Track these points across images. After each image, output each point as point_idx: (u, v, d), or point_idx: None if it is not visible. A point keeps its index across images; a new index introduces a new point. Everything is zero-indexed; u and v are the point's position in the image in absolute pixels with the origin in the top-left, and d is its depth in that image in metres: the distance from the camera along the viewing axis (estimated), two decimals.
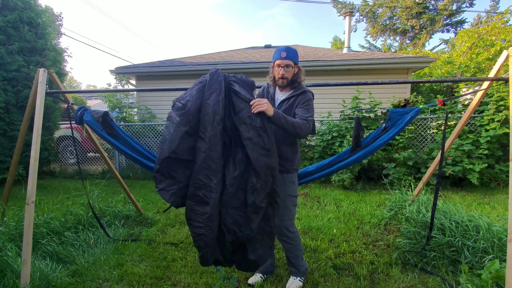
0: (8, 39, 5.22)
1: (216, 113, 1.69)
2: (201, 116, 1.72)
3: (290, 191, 2.03)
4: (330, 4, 20.37)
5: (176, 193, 1.74)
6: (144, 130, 6.58)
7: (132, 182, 5.75)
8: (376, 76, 7.42)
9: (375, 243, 2.84)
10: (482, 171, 4.58)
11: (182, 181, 1.75)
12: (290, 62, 1.93)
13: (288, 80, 1.96)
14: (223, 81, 1.76)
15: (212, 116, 1.69)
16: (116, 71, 8.57)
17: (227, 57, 9.25)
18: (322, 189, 5.00)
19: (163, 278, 2.28)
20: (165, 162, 1.71)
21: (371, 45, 20.20)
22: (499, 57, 2.15)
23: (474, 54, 9.88)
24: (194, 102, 1.73)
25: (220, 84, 1.75)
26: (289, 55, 1.92)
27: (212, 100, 1.71)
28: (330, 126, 5.52)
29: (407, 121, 2.35)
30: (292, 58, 1.93)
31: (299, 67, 2.00)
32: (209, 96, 1.73)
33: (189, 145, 1.72)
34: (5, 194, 2.88)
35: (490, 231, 2.31)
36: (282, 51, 1.94)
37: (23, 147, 2.78)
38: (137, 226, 3.33)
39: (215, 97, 1.72)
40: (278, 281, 2.22)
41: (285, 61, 1.92)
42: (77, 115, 2.63)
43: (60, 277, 2.21)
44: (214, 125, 1.68)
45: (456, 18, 17.91)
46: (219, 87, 1.74)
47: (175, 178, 1.74)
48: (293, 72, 1.96)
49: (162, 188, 1.74)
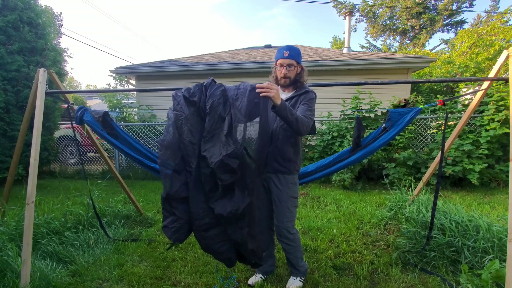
0: (8, 39, 5.22)
1: (193, 143, 1.69)
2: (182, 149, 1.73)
3: (292, 193, 2.02)
4: (330, 4, 20.39)
5: (178, 230, 1.77)
6: (144, 130, 6.58)
7: (132, 182, 5.75)
8: (376, 76, 7.42)
9: (375, 243, 2.84)
10: (482, 171, 4.57)
11: (183, 218, 1.77)
12: (292, 61, 1.91)
13: (290, 80, 1.95)
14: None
15: (191, 148, 1.69)
16: (116, 71, 8.57)
17: (227, 57, 9.25)
18: (322, 189, 5.00)
19: (163, 278, 2.28)
20: (166, 201, 1.76)
21: (371, 45, 20.22)
22: (499, 57, 2.14)
23: (474, 54, 9.90)
24: (172, 137, 1.74)
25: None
26: (291, 54, 1.90)
27: (184, 132, 1.70)
28: (330, 126, 5.52)
29: (407, 121, 2.35)
30: (295, 57, 1.91)
31: (302, 67, 1.98)
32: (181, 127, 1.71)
33: (181, 182, 1.74)
34: (5, 194, 2.88)
35: (490, 231, 2.31)
36: (284, 50, 1.92)
37: (23, 147, 2.78)
38: (137, 226, 3.33)
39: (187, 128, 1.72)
40: (278, 281, 2.22)
41: (287, 60, 1.91)
42: (77, 115, 2.63)
43: (60, 277, 2.21)
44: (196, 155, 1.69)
45: (456, 18, 17.91)
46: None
47: (175, 215, 1.77)
48: (296, 71, 1.95)
49: (166, 225, 1.77)
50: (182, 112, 1.72)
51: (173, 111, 1.76)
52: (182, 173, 1.74)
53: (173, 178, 1.72)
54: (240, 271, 2.35)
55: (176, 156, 1.73)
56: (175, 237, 1.77)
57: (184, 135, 1.69)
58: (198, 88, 1.76)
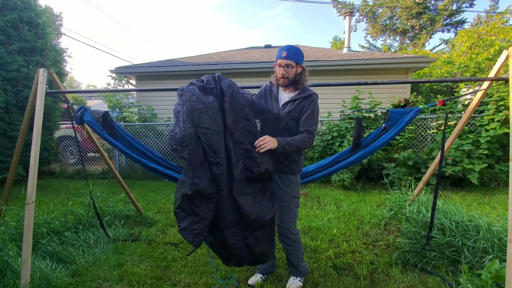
0: (8, 39, 5.22)
1: (218, 132, 1.61)
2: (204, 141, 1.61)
3: (294, 193, 2.02)
4: (330, 4, 20.39)
5: (201, 232, 1.58)
6: (144, 130, 6.58)
7: (132, 182, 5.75)
8: (376, 76, 7.42)
9: (375, 243, 2.84)
10: (482, 171, 4.57)
11: (207, 218, 1.59)
12: (290, 62, 1.90)
13: (289, 80, 1.95)
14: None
15: (217, 137, 1.59)
16: (116, 71, 8.58)
17: (227, 57, 9.25)
18: (322, 189, 5.00)
19: (163, 278, 2.28)
20: (187, 199, 1.57)
21: (371, 45, 20.21)
22: (499, 57, 2.14)
23: (474, 54, 9.89)
24: (189, 131, 1.60)
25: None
26: (289, 55, 1.90)
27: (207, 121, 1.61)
28: (330, 126, 5.52)
29: (407, 121, 2.35)
30: (293, 57, 1.91)
31: (303, 67, 1.97)
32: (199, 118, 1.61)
33: (207, 177, 1.59)
34: (5, 194, 2.88)
35: (490, 231, 2.31)
36: (283, 50, 1.92)
37: (23, 147, 2.78)
38: (137, 226, 3.33)
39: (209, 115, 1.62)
40: (278, 281, 2.21)
41: (285, 60, 1.90)
42: (78, 115, 2.63)
43: (60, 277, 2.21)
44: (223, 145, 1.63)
45: (456, 18, 17.90)
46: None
47: (198, 215, 1.59)
48: (295, 72, 1.94)
49: (185, 228, 1.56)
50: (201, 102, 1.62)
51: (185, 103, 1.64)
52: (206, 167, 1.60)
53: (201, 173, 1.56)
54: (240, 271, 2.35)
55: (198, 150, 1.58)
56: (198, 240, 1.58)
57: (207, 124, 1.58)
58: (212, 78, 1.74)
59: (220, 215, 1.66)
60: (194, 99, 1.63)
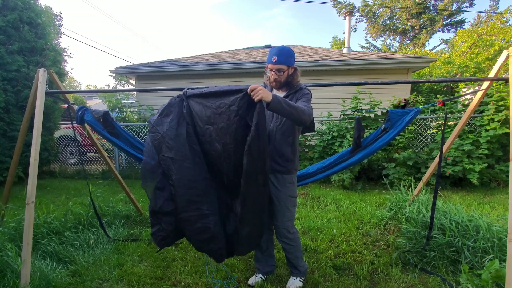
0: (8, 39, 5.21)
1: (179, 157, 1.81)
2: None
3: (290, 192, 2.02)
4: (330, 4, 20.35)
5: (165, 238, 1.89)
6: (144, 130, 6.58)
7: (132, 182, 5.74)
8: (376, 76, 7.42)
9: (375, 243, 2.84)
10: (482, 171, 4.57)
11: (168, 229, 1.87)
12: (281, 66, 1.88)
13: (281, 83, 1.94)
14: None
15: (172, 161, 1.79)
16: (116, 71, 8.57)
17: (227, 57, 9.25)
18: (322, 189, 5.00)
19: (163, 278, 2.28)
20: (153, 214, 1.87)
21: (371, 45, 20.21)
22: (499, 57, 2.15)
23: (474, 54, 9.89)
24: (150, 155, 1.87)
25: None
26: (279, 60, 1.87)
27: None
28: (330, 126, 5.52)
29: (406, 122, 2.35)
30: (283, 62, 1.88)
31: (295, 68, 1.95)
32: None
33: (164, 198, 1.83)
34: (5, 194, 2.88)
35: (490, 231, 2.31)
36: (273, 55, 1.88)
37: (23, 147, 2.78)
38: (137, 226, 3.33)
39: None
40: (278, 281, 2.22)
41: (276, 65, 1.88)
42: (78, 115, 2.63)
43: (60, 277, 2.21)
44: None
45: (456, 18, 17.91)
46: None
47: (161, 225, 1.88)
48: (287, 73, 1.92)
49: (154, 233, 1.89)
50: (158, 132, 1.86)
51: (149, 134, 1.91)
52: (165, 190, 1.84)
53: (156, 194, 1.83)
54: (240, 271, 2.35)
55: (155, 174, 1.84)
56: (163, 243, 1.90)
57: (164, 152, 1.82)
58: (175, 98, 1.95)
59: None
60: (153, 130, 1.88)
